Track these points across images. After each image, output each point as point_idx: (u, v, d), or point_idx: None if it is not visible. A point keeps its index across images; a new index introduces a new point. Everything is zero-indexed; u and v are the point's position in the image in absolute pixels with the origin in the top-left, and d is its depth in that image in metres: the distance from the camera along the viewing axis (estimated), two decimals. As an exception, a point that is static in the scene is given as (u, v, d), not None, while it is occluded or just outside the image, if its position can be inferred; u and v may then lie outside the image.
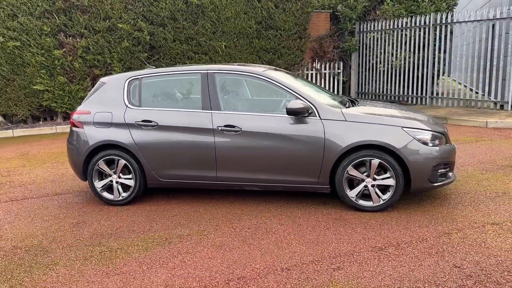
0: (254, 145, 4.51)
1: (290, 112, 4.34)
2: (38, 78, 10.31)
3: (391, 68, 12.64)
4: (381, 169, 4.34)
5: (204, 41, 11.44)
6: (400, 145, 4.24)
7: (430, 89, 11.74)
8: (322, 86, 13.75)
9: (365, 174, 4.36)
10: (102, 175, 4.91)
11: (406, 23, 11.99)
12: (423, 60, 11.76)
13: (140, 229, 4.23)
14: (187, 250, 3.71)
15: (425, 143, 4.30)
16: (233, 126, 4.54)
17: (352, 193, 4.41)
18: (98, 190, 4.90)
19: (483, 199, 4.64)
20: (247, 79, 4.73)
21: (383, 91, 13.10)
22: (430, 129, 4.43)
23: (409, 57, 12.04)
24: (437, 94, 11.71)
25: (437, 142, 4.40)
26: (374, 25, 12.98)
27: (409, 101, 12.32)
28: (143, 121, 4.74)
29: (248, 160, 4.56)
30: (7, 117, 10.73)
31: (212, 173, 4.66)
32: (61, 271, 3.44)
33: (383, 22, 12.63)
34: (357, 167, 4.37)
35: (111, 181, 4.87)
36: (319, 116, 4.42)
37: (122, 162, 4.80)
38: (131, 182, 4.84)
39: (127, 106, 4.85)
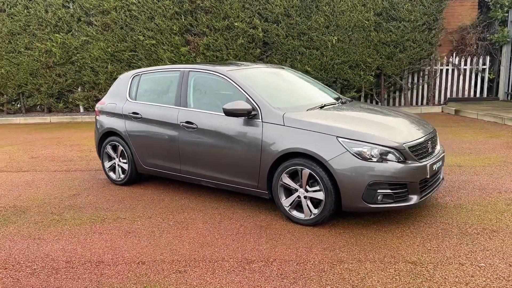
0: (206, 143, 4.60)
1: (225, 112, 4.28)
2: (168, 71, 11.91)
3: (547, 65, 10.22)
4: (315, 180, 3.93)
5: (316, 36, 11.33)
6: (330, 156, 3.76)
7: None
8: (460, 84, 12.00)
9: (299, 184, 4.02)
10: (110, 158, 5.70)
11: None
12: None
13: (103, 207, 4.83)
14: (102, 231, 4.14)
15: (364, 158, 3.71)
16: (192, 123, 4.71)
17: (286, 202, 4.12)
18: (106, 170, 5.71)
19: (455, 234, 3.73)
20: (214, 78, 4.79)
21: (535, 93, 10.71)
22: (378, 143, 3.76)
23: None
24: None
25: (389, 157, 3.73)
26: (530, 12, 10.67)
27: None
28: (133, 113, 5.30)
29: (202, 156, 4.68)
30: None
31: (177, 166, 4.94)
32: (10, 229, 4.28)
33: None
34: (293, 175, 4.05)
35: (115, 163, 5.62)
36: (262, 119, 4.24)
37: (120, 148, 5.48)
38: (126, 166, 5.49)
39: (127, 99, 5.49)
